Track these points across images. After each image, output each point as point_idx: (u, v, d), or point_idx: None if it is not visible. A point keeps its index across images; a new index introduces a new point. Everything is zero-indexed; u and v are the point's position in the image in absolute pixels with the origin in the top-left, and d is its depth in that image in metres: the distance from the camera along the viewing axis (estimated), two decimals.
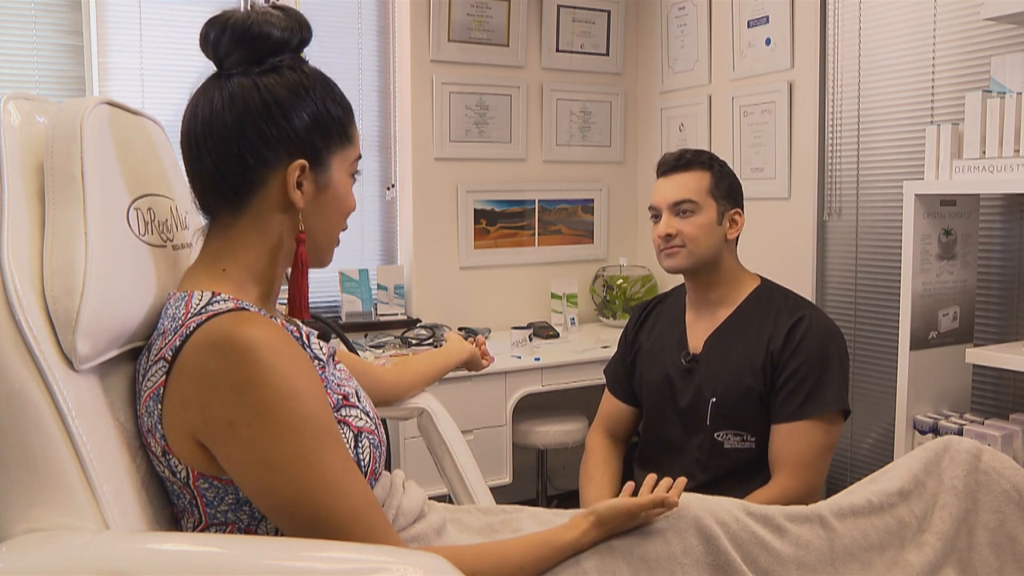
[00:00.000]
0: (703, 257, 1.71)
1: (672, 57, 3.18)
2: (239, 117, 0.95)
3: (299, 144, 0.97)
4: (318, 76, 1.01)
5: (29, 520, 0.84)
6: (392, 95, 3.03)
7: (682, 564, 1.05)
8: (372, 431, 1.02)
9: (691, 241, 1.69)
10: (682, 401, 1.72)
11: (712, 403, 1.66)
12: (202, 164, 0.96)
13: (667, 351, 1.78)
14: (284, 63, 0.99)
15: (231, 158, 0.95)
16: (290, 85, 0.97)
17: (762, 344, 1.66)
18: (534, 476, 2.99)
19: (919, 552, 1.18)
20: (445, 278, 3.05)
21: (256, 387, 0.86)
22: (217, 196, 0.98)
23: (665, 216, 1.72)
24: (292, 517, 0.88)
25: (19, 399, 0.85)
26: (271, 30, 0.96)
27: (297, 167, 0.97)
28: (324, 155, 1.00)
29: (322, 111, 0.99)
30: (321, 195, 1.00)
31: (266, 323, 0.91)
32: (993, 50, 2.08)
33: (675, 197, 1.71)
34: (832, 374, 1.62)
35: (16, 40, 2.42)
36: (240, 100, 0.95)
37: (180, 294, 0.97)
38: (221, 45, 0.96)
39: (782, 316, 1.68)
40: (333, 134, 1.00)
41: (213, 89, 0.97)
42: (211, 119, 0.95)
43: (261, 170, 0.96)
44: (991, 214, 2.13)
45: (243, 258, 0.99)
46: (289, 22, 0.98)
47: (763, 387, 1.64)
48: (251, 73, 0.97)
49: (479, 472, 1.52)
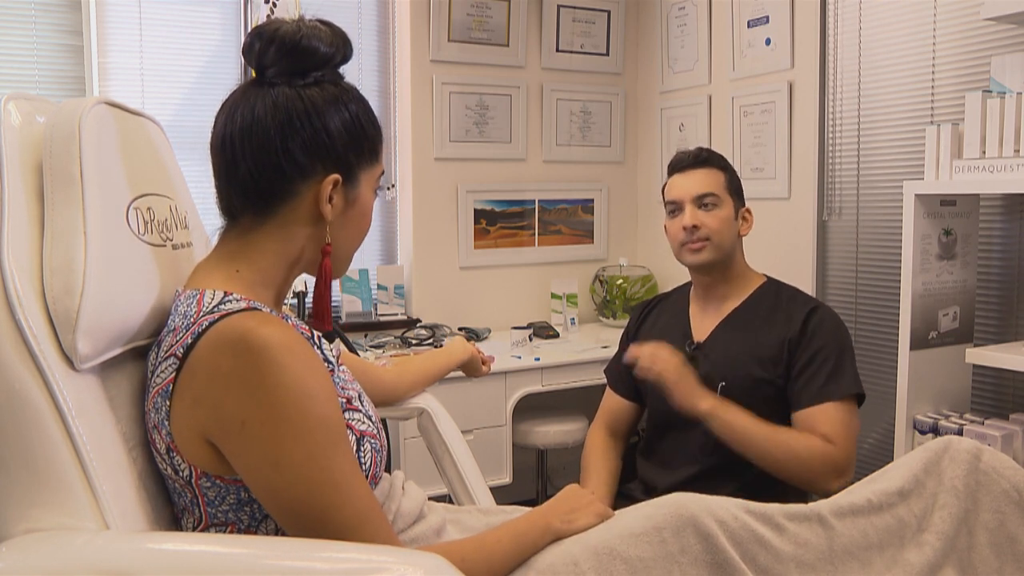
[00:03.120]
0: (725, 251, 1.74)
1: (672, 57, 3.18)
2: (281, 126, 0.95)
3: (335, 158, 0.98)
4: (356, 94, 1.03)
5: (29, 520, 0.84)
6: (392, 95, 3.03)
7: (680, 563, 1.05)
8: (374, 435, 1.02)
9: (716, 234, 1.72)
10: None
11: (722, 387, 1.67)
12: (236, 169, 0.97)
13: (671, 341, 1.78)
14: (326, 78, 1.00)
15: (268, 166, 0.96)
16: (331, 100, 0.98)
17: (774, 335, 1.68)
18: (534, 476, 2.99)
19: (919, 552, 1.18)
20: (445, 278, 3.05)
21: (270, 387, 0.86)
22: (245, 201, 0.98)
23: (689, 208, 1.74)
24: (299, 517, 0.88)
25: (19, 399, 0.85)
26: (319, 45, 0.98)
27: (331, 181, 0.98)
28: (356, 171, 1.01)
29: (359, 128, 1.01)
30: (349, 210, 1.02)
31: (280, 323, 0.91)
32: (993, 50, 2.08)
33: (699, 190, 1.74)
34: (848, 361, 1.65)
35: (16, 40, 2.42)
36: (284, 109, 0.96)
37: (191, 292, 0.97)
38: (267, 55, 0.97)
39: (796, 307, 1.72)
40: (365, 151, 1.02)
41: (255, 96, 0.97)
42: (252, 125, 0.96)
43: (296, 180, 0.97)
44: (991, 214, 2.13)
45: (259, 262, 0.99)
46: (335, 39, 1.00)
47: (773, 376, 1.65)
48: (294, 84, 0.98)
49: (479, 472, 1.52)
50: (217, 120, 0.99)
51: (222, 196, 1.00)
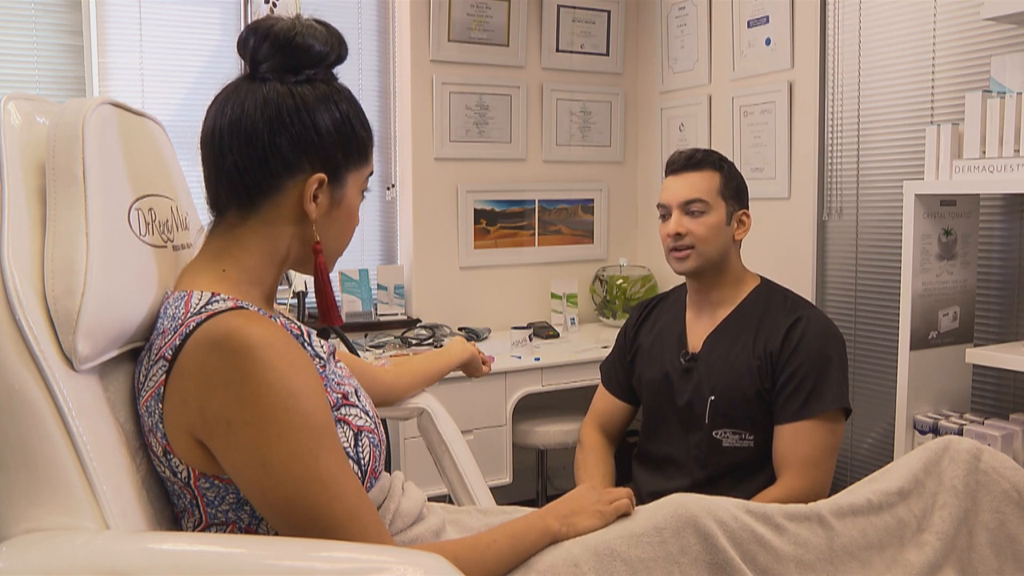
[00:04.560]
0: (712, 258, 1.70)
1: (672, 57, 3.18)
2: (270, 121, 0.95)
3: (322, 157, 0.98)
4: (347, 94, 1.02)
5: (29, 520, 0.84)
6: (392, 95, 3.03)
7: (680, 563, 1.05)
8: (372, 430, 1.02)
9: (701, 242, 1.69)
10: (680, 399, 1.72)
11: (711, 401, 1.66)
12: (223, 161, 0.97)
13: (666, 350, 1.78)
14: (318, 76, 1.00)
15: (254, 160, 0.96)
16: (322, 98, 0.98)
17: (760, 344, 1.66)
18: (534, 476, 2.99)
19: (919, 551, 1.18)
20: (445, 278, 3.05)
21: (254, 386, 0.86)
22: (230, 195, 0.98)
23: (675, 215, 1.71)
24: (288, 516, 0.88)
25: (19, 399, 0.85)
26: (313, 43, 0.98)
27: (316, 180, 0.98)
28: (343, 171, 1.01)
29: (348, 129, 1.00)
30: (334, 210, 1.01)
31: (265, 322, 0.91)
32: (993, 50, 2.08)
33: (686, 196, 1.70)
34: (832, 373, 1.62)
35: (16, 40, 2.42)
36: (273, 104, 0.96)
37: (179, 293, 0.97)
38: (261, 50, 0.97)
39: (780, 317, 1.68)
40: (354, 152, 1.01)
41: (246, 91, 0.97)
42: (240, 118, 0.96)
43: (281, 176, 0.97)
44: (991, 214, 2.13)
45: (245, 260, 0.99)
46: (330, 38, 1.00)
47: (761, 386, 1.64)
48: (286, 81, 0.97)
49: (479, 472, 1.52)
50: (208, 113, 0.99)
51: (209, 189, 1.00)
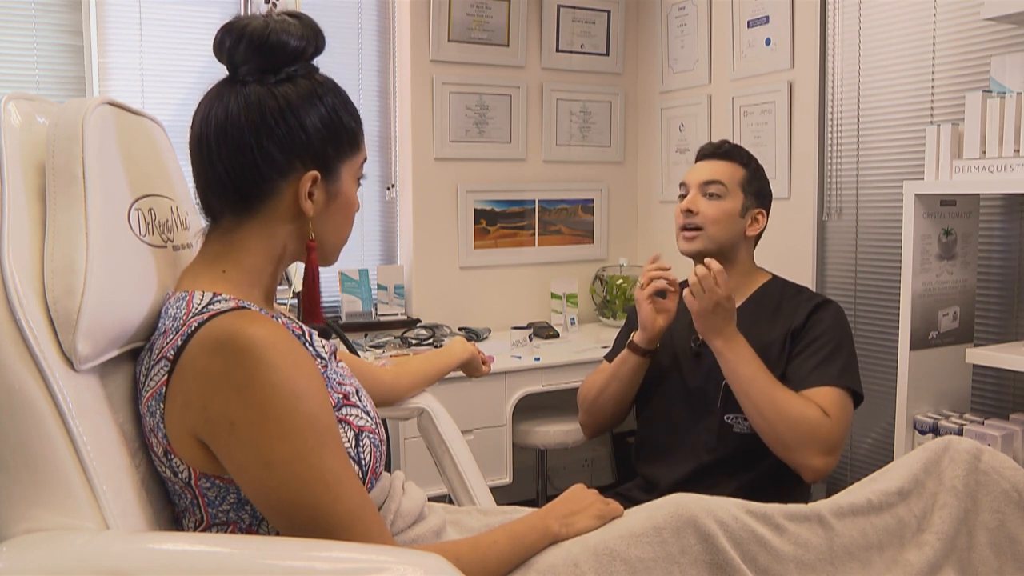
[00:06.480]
0: (720, 242, 1.72)
1: (672, 57, 3.18)
2: (256, 126, 0.95)
3: (313, 155, 0.98)
4: (331, 85, 1.01)
5: (29, 520, 0.84)
6: (392, 95, 3.03)
7: (680, 563, 1.05)
8: (373, 430, 1.02)
9: (710, 224, 1.71)
10: (691, 383, 1.73)
11: (725, 385, 1.66)
12: (213, 169, 0.97)
13: (676, 335, 1.78)
14: (299, 72, 0.99)
15: (244, 166, 0.95)
16: (305, 96, 0.97)
17: (777, 331, 1.68)
18: (534, 476, 2.99)
19: (919, 552, 1.18)
20: (445, 278, 3.05)
21: (258, 387, 0.86)
22: (223, 201, 0.98)
23: (692, 193, 1.74)
24: (290, 517, 0.88)
25: (19, 399, 0.85)
26: (288, 39, 0.97)
27: (310, 178, 0.97)
28: (335, 164, 1.00)
29: (335, 121, 1.00)
30: (331, 204, 1.01)
31: (268, 322, 0.91)
32: (993, 50, 2.08)
33: (706, 177, 1.74)
34: (847, 354, 1.65)
35: (16, 40, 2.42)
36: (257, 108, 0.95)
37: (180, 294, 0.97)
38: (237, 53, 0.97)
39: (802, 301, 1.72)
40: (344, 143, 1.01)
41: (228, 95, 0.97)
42: (226, 125, 0.95)
43: (274, 180, 0.97)
44: (991, 214, 2.13)
45: (244, 261, 0.99)
46: (305, 31, 0.99)
47: (776, 370, 1.64)
48: (267, 82, 0.97)
49: (479, 472, 1.52)
50: (194, 120, 0.99)
51: (201, 196, 1.00)
